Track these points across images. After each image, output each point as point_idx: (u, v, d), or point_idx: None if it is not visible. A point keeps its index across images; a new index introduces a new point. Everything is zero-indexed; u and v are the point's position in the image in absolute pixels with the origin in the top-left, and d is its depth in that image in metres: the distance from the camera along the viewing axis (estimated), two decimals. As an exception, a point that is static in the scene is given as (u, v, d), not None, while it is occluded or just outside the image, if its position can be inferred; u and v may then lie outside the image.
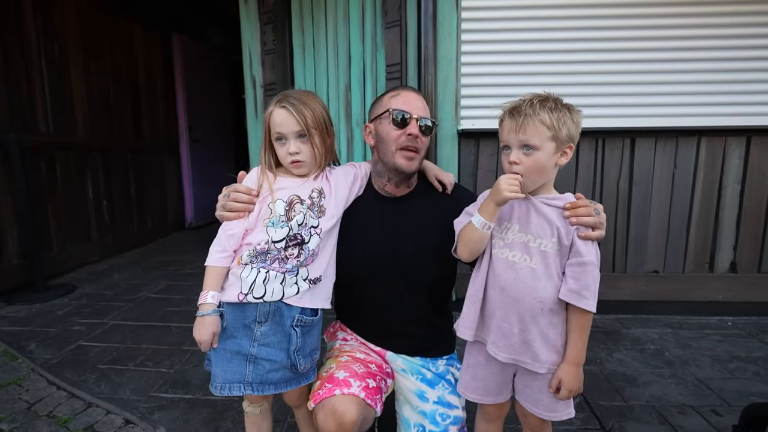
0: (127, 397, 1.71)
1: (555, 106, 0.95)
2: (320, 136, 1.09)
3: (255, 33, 3.04)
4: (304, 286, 1.08)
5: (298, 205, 1.08)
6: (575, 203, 0.98)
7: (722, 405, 1.66)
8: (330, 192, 1.14)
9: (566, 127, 0.95)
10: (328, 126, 1.13)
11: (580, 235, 0.95)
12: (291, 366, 1.07)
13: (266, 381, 1.06)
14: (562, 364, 0.97)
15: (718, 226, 2.40)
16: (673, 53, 2.27)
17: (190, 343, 2.15)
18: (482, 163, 2.41)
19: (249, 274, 1.04)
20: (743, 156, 2.34)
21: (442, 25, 2.28)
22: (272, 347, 1.06)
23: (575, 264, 0.95)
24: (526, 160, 0.95)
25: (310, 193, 1.10)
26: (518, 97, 0.99)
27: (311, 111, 1.07)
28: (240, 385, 1.04)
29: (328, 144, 1.12)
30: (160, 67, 4.40)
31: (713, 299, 2.42)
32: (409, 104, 1.16)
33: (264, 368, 1.05)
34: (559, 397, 0.98)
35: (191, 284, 3.02)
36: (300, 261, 1.07)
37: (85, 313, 2.52)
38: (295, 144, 1.07)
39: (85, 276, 3.19)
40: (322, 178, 1.15)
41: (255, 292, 1.04)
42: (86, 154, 3.46)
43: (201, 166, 4.91)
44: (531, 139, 0.94)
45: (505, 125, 0.98)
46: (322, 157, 1.11)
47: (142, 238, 4.12)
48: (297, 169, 1.10)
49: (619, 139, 2.36)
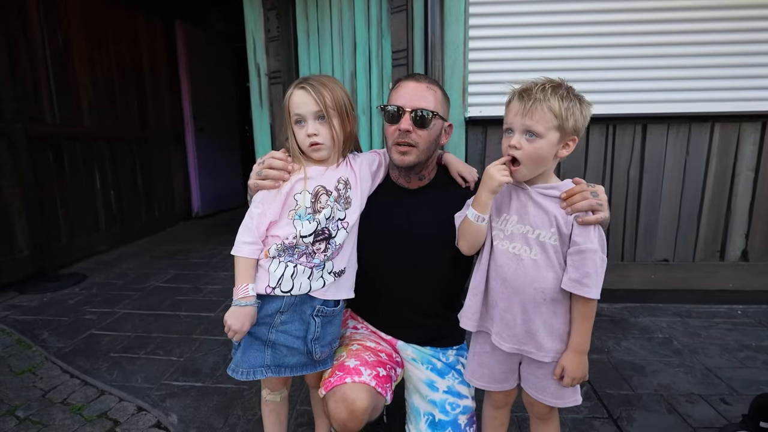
0: (139, 385, 1.73)
1: (566, 94, 0.92)
2: (339, 118, 1.07)
3: (259, 19, 3.00)
4: (330, 279, 1.08)
5: (324, 197, 1.07)
6: (570, 191, 0.95)
7: (731, 394, 1.66)
8: (356, 181, 1.12)
9: (573, 118, 0.92)
10: (349, 110, 1.10)
11: (578, 220, 0.93)
12: (307, 353, 1.09)
13: (283, 364, 1.08)
14: (566, 352, 0.97)
15: (730, 214, 2.37)
16: (686, 36, 2.21)
17: (199, 332, 2.18)
18: (490, 152, 2.38)
19: (277, 268, 1.04)
20: (758, 142, 2.28)
21: (450, 10, 2.23)
22: (290, 334, 1.07)
23: (574, 252, 0.94)
24: (527, 147, 0.93)
25: (336, 184, 1.09)
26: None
27: (330, 92, 1.05)
28: (262, 369, 1.07)
29: (348, 129, 1.10)
30: (163, 56, 4.37)
31: (723, 288, 2.40)
32: (404, 96, 1.12)
33: (281, 353, 1.08)
34: (563, 384, 0.99)
35: (199, 273, 3.04)
36: (327, 255, 1.07)
37: (95, 302, 2.55)
38: (314, 125, 1.05)
39: (94, 266, 3.23)
40: (345, 165, 1.13)
41: (283, 286, 1.04)
42: (93, 144, 3.47)
43: (206, 155, 4.90)
44: (536, 126, 0.92)
45: (513, 107, 0.96)
46: (341, 141, 1.08)
47: (150, 227, 4.15)
48: (316, 152, 1.07)
49: (630, 125, 2.32)
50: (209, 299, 2.58)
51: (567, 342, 0.98)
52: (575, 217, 0.94)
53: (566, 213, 0.95)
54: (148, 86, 4.14)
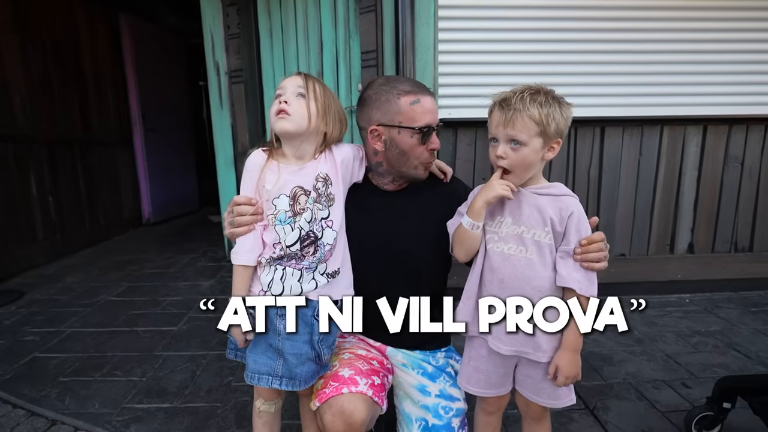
0: (96, 410, 1.57)
1: (545, 100, 0.94)
2: (323, 112, 1.02)
3: (217, 15, 2.86)
4: (322, 281, 1.04)
5: (303, 197, 1.02)
6: (590, 239, 0.96)
7: (690, 378, 1.78)
8: (336, 175, 1.07)
9: (555, 123, 0.94)
10: (335, 115, 1.06)
11: (583, 265, 0.96)
12: (316, 357, 1.05)
13: (295, 376, 1.03)
14: (560, 351, 0.99)
15: (678, 210, 2.56)
16: (637, 44, 2.37)
17: (161, 347, 2.02)
18: (460, 153, 2.42)
19: (268, 273, 1.02)
20: (700, 144, 2.49)
21: (420, 11, 2.23)
22: (295, 340, 1.02)
23: (563, 251, 0.96)
24: (513, 155, 0.95)
25: (314, 183, 1.03)
26: (495, 87, 0.99)
27: (323, 89, 1.03)
28: (269, 378, 1.02)
29: (330, 127, 1.04)
30: (107, 52, 4.05)
31: (673, 279, 2.59)
32: (432, 113, 1.12)
33: (291, 363, 1.03)
34: (557, 383, 1.00)
35: (156, 284, 2.84)
36: (317, 257, 1.03)
37: (37, 321, 2.30)
38: (289, 97, 1.00)
39: (33, 280, 2.92)
40: (324, 159, 1.07)
41: (273, 289, 1.01)
42: (29, 145, 3.13)
43: (157, 157, 4.59)
44: (519, 135, 0.93)
45: (494, 117, 0.97)
46: (314, 131, 1.03)
47: (95, 236, 3.82)
48: (280, 120, 1.00)
49: (590, 128, 2.44)
50: (169, 312, 2.41)
51: (561, 341, 0.99)
52: (581, 263, 0.96)
53: (575, 260, 0.96)
54: (91, 84, 3.82)
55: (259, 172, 1.02)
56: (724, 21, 2.37)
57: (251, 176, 1.03)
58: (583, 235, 0.97)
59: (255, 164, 1.03)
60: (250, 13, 2.73)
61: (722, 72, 2.42)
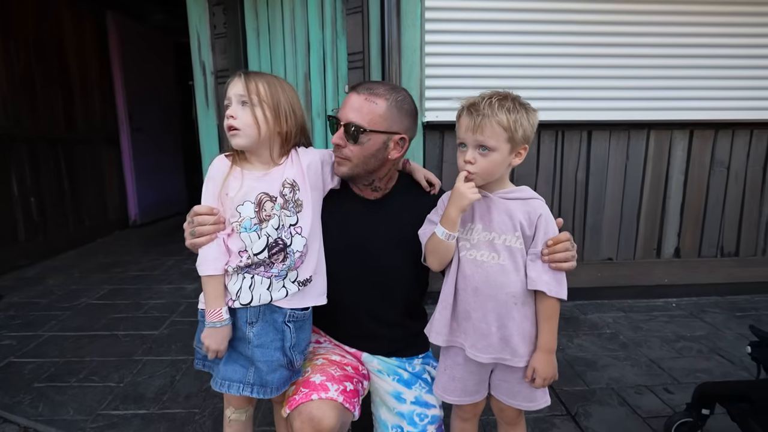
0: (71, 417, 1.54)
1: (513, 106, 0.93)
2: (271, 113, 0.98)
3: (204, 14, 2.82)
4: (293, 289, 1.01)
5: (269, 204, 0.99)
6: (557, 239, 0.96)
7: (673, 383, 1.78)
8: (303, 180, 1.04)
9: (522, 129, 0.94)
10: (287, 109, 1.01)
11: (552, 266, 0.96)
12: (288, 363, 1.02)
13: (267, 383, 1.01)
14: (536, 353, 0.99)
15: (664, 215, 2.56)
16: (624, 48, 2.37)
17: (141, 352, 1.98)
18: (447, 156, 2.40)
19: (235, 281, 0.99)
20: (686, 148, 2.50)
21: (406, 13, 2.22)
22: (266, 347, 1.00)
23: (532, 254, 0.97)
24: (482, 161, 0.94)
25: (281, 189, 1.00)
26: (482, 90, 0.97)
27: (266, 84, 0.98)
28: (240, 385, 1.00)
29: (283, 129, 1.00)
30: (93, 50, 3.99)
31: (660, 283, 2.59)
32: (343, 108, 1.08)
33: (263, 370, 1.00)
34: (535, 385, 1.00)
35: (139, 287, 2.79)
36: (287, 265, 1.00)
37: (14, 325, 2.25)
38: (234, 109, 0.97)
39: (12, 283, 2.86)
40: (291, 164, 1.04)
41: (242, 298, 0.98)
42: (10, 144, 3.08)
43: (145, 157, 4.54)
44: (488, 141, 0.93)
45: (463, 123, 0.96)
46: (268, 136, 0.99)
47: (79, 238, 3.76)
48: (232, 138, 0.98)
49: (577, 131, 2.44)
50: (151, 316, 2.37)
51: (536, 344, 1.00)
52: (549, 263, 0.96)
53: (543, 260, 0.96)
54: (76, 82, 3.76)
55: (223, 179, 0.99)
56: (711, 26, 2.38)
57: (214, 184, 1.00)
58: (551, 236, 0.97)
59: (218, 171, 1.00)
60: (237, 13, 2.70)
61: (709, 77, 2.42)
